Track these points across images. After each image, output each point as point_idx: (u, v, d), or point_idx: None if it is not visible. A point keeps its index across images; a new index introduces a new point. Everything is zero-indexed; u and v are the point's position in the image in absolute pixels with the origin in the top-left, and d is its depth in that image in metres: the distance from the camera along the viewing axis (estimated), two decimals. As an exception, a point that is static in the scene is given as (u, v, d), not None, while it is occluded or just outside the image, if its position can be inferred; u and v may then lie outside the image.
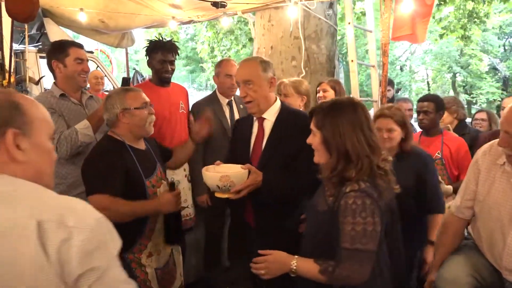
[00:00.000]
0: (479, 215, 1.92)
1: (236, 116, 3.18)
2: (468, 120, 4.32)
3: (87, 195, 1.96)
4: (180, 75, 28.33)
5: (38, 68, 5.75)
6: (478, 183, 1.88)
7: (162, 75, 2.97)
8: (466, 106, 25.92)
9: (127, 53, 7.43)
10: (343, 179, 1.56)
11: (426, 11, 3.36)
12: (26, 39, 5.20)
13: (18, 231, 0.87)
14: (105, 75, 5.88)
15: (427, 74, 26.59)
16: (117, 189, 1.94)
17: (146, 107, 2.12)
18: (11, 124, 0.98)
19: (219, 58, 12.19)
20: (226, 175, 1.85)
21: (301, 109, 2.95)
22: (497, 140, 1.82)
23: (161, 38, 3.00)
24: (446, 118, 3.57)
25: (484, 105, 25.18)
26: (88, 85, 5.21)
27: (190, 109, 3.25)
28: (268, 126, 2.15)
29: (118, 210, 1.87)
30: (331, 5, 4.55)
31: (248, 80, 2.07)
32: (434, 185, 2.40)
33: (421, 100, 3.18)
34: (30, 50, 5.68)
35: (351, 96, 4.11)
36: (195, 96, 27.15)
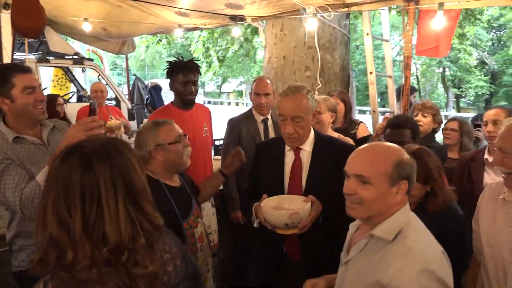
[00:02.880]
0: (483, 255, 1.74)
1: (271, 134, 3.11)
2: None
3: None
4: (169, 72, 28.11)
5: (39, 78, 5.54)
6: (479, 223, 1.75)
7: (185, 98, 2.85)
8: (454, 99, 26.29)
9: (127, 59, 7.23)
10: None
11: (451, 24, 3.29)
12: (26, 49, 4.99)
13: None
14: (107, 84, 5.70)
15: (416, 68, 26.78)
16: None
17: (181, 140, 2.00)
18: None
19: (214, 59, 12.04)
20: (295, 212, 1.74)
21: (331, 128, 2.92)
22: (496, 181, 1.74)
23: (181, 59, 2.88)
24: (428, 124, 3.10)
25: (472, 98, 25.54)
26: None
27: (227, 125, 3.21)
28: (305, 156, 2.04)
29: None
30: (347, 15, 4.46)
31: (298, 116, 1.93)
32: (456, 250, 1.65)
33: (394, 127, 2.56)
34: (30, 59, 5.48)
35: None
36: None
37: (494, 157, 1.60)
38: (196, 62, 2.90)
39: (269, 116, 3.18)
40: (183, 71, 2.80)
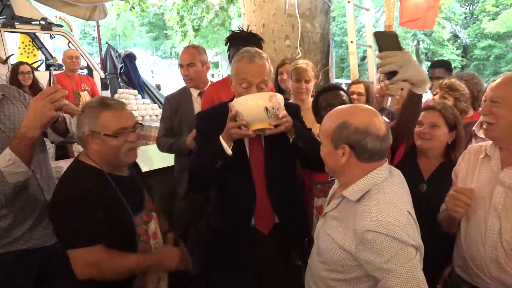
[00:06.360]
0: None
1: None
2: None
3: (68, 247, 1.53)
4: (142, 41, 27.21)
5: (4, 44, 5.23)
6: (459, 179, 1.75)
7: None
8: (427, 72, 26.71)
9: (98, 26, 6.92)
10: None
11: (435, -5, 3.26)
12: (-11, 13, 4.69)
13: None
14: (80, 54, 5.43)
15: (391, 41, 26.83)
16: (106, 234, 1.56)
17: (123, 134, 1.61)
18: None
19: (189, 28, 11.67)
20: (274, 94, 1.64)
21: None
22: (473, 145, 1.79)
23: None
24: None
25: (444, 72, 25.99)
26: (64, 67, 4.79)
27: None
28: None
29: (113, 267, 1.55)
30: (329, -18, 4.36)
31: (264, 82, 1.84)
32: None
33: (328, 90, 2.31)
34: (-7, 24, 5.15)
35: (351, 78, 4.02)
36: (159, 65, 26.20)
37: (483, 107, 1.60)
38: None
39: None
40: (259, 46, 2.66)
